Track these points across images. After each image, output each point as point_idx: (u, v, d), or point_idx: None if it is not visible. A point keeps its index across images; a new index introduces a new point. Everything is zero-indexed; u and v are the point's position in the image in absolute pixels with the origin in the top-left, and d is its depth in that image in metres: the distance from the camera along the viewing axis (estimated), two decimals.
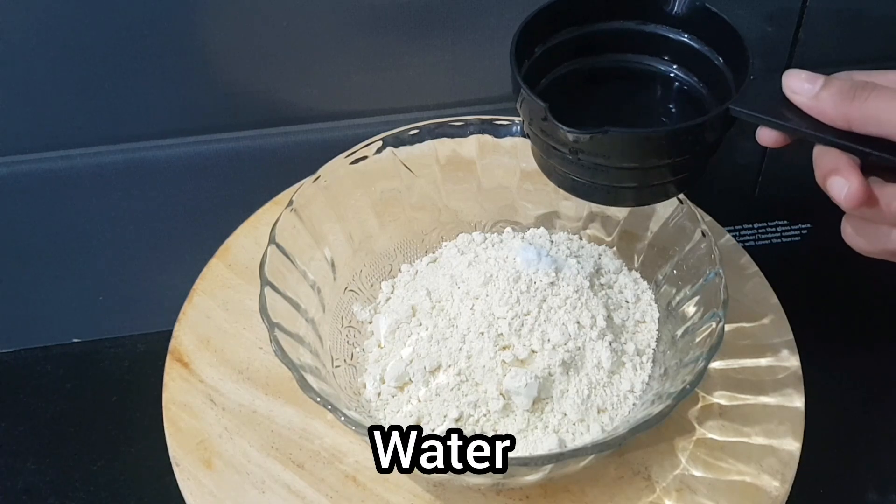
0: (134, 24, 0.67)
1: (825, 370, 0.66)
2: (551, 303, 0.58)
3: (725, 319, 0.53)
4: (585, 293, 0.59)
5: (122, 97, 0.71)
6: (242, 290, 0.66)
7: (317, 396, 0.49)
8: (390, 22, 0.71)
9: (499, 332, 0.56)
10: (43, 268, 0.81)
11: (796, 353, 0.63)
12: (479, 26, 0.72)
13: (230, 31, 0.70)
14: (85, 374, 0.82)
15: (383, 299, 0.65)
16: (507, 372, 0.55)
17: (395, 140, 0.65)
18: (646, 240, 0.64)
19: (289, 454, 0.57)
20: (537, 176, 0.57)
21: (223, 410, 0.60)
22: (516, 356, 0.55)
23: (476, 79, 0.76)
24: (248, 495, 0.55)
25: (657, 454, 0.57)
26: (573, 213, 0.68)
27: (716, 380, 0.61)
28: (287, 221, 0.59)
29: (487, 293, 0.58)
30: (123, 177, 0.76)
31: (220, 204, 0.79)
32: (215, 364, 0.62)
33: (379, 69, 0.74)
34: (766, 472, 0.56)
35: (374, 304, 0.64)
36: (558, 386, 0.55)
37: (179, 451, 0.58)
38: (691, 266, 0.59)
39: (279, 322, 0.53)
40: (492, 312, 0.57)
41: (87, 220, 0.79)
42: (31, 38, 0.66)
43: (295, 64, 0.72)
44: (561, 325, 0.57)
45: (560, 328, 0.56)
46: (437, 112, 0.77)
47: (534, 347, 0.56)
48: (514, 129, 0.66)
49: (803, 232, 0.88)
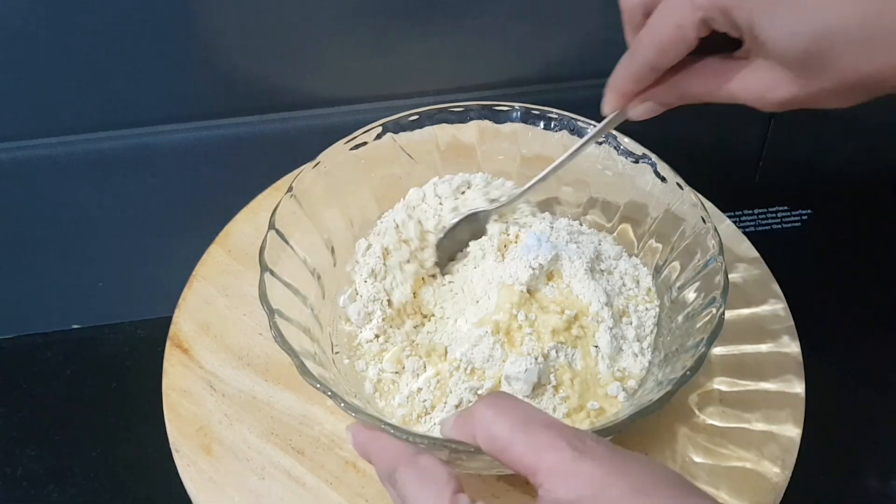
0: (134, 10, 0.67)
1: (825, 356, 0.66)
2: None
3: (726, 305, 0.53)
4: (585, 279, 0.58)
5: (122, 83, 0.71)
6: (242, 276, 0.66)
7: (316, 383, 0.49)
8: (390, 7, 0.71)
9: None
10: (42, 254, 0.81)
11: (797, 339, 0.63)
12: (479, 12, 0.72)
13: (230, 17, 0.69)
14: (84, 361, 0.82)
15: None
16: (506, 357, 0.55)
17: (395, 126, 0.65)
18: (646, 225, 0.63)
19: (289, 440, 0.57)
20: (538, 162, 0.57)
21: (223, 397, 0.60)
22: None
23: (476, 65, 0.76)
24: (248, 481, 0.55)
25: (657, 440, 0.57)
26: (573, 198, 0.67)
27: (716, 366, 0.61)
28: (287, 207, 0.59)
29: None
30: (123, 163, 0.76)
31: (219, 190, 0.79)
32: (215, 350, 0.62)
33: (379, 55, 0.74)
34: (767, 458, 0.56)
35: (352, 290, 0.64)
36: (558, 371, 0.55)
37: (179, 437, 0.58)
38: (691, 252, 0.59)
39: (279, 308, 0.53)
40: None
41: (87, 206, 0.78)
42: (30, 24, 0.66)
43: (295, 50, 0.72)
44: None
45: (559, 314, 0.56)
46: (437, 98, 0.77)
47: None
48: (514, 115, 0.66)
49: (804, 218, 0.88)
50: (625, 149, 0.63)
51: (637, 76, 0.50)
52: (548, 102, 0.66)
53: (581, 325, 0.57)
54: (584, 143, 0.58)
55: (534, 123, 0.66)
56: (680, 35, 0.46)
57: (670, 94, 0.50)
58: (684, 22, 0.45)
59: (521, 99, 0.67)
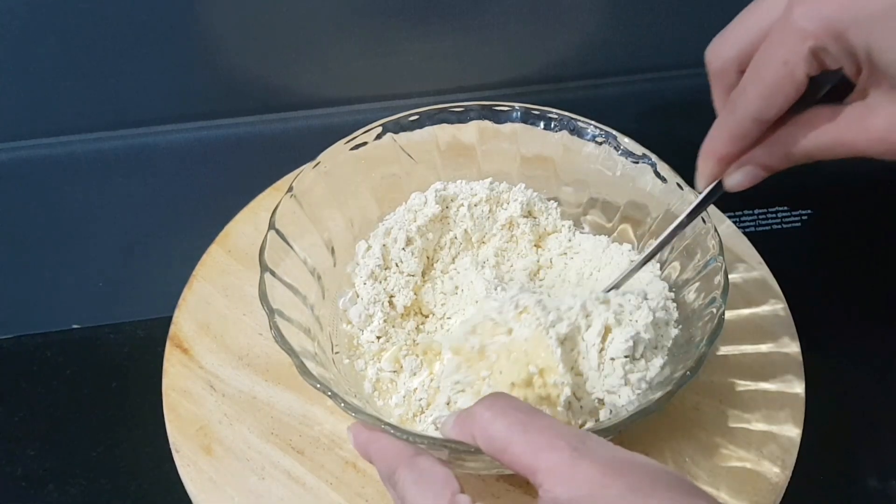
0: (133, 10, 0.67)
1: (825, 356, 0.66)
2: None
3: (726, 306, 0.53)
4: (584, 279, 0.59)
5: (122, 83, 0.71)
6: (242, 276, 0.66)
7: (316, 383, 0.49)
8: (390, 7, 0.71)
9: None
10: (42, 254, 0.81)
11: (797, 339, 0.63)
12: (479, 12, 0.72)
13: (230, 17, 0.69)
14: (84, 361, 0.82)
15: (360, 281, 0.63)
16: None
17: (395, 126, 0.65)
18: (646, 225, 0.63)
19: (289, 440, 0.57)
20: (537, 162, 0.57)
21: (223, 397, 0.60)
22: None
23: (476, 65, 0.76)
24: (248, 481, 0.55)
25: (657, 440, 0.57)
26: (573, 198, 0.67)
27: (716, 366, 0.61)
28: (287, 207, 0.59)
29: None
30: (123, 163, 0.76)
31: (219, 190, 0.79)
32: (215, 350, 0.62)
33: (379, 55, 0.74)
34: (767, 458, 0.56)
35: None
36: None
37: (179, 437, 0.58)
38: (691, 252, 0.59)
39: (279, 308, 0.53)
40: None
41: (87, 206, 0.78)
42: (30, 24, 0.66)
43: (295, 49, 0.72)
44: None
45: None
46: (437, 98, 0.77)
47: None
48: (514, 115, 0.66)
49: (804, 218, 0.88)
50: (625, 149, 0.63)
51: (738, 133, 0.44)
52: (548, 102, 0.66)
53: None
54: (677, 225, 0.55)
55: (534, 123, 0.66)
56: (787, 73, 0.40)
57: (774, 155, 0.44)
58: (792, 57, 0.39)
59: (521, 99, 0.67)
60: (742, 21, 0.43)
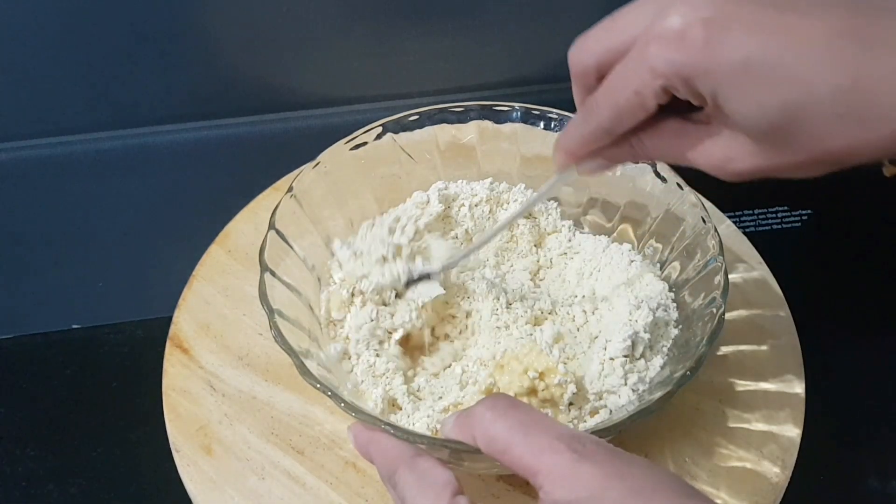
0: (133, 10, 0.67)
1: (825, 356, 0.66)
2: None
3: (726, 306, 0.53)
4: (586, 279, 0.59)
5: (122, 83, 0.71)
6: (242, 276, 0.66)
7: (316, 383, 0.49)
8: (390, 8, 0.71)
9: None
10: (42, 254, 0.81)
11: (797, 339, 0.63)
12: (479, 12, 0.72)
13: (230, 17, 0.69)
14: (84, 361, 0.82)
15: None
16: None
17: (395, 126, 0.65)
18: (646, 225, 0.63)
19: (289, 440, 0.57)
20: (537, 162, 0.57)
21: (223, 396, 0.60)
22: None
23: (476, 65, 0.76)
24: (247, 481, 0.55)
25: (657, 440, 0.57)
26: (573, 198, 0.67)
27: (716, 366, 0.61)
28: (287, 207, 0.59)
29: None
30: (122, 163, 0.76)
31: (219, 190, 0.79)
32: (215, 350, 0.62)
33: (379, 55, 0.74)
34: (767, 458, 0.56)
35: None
36: None
37: (179, 437, 0.58)
38: (691, 252, 0.59)
39: (279, 308, 0.53)
40: None
41: (87, 206, 0.78)
42: (30, 25, 0.66)
43: (295, 50, 0.72)
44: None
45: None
46: (437, 98, 0.77)
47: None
48: (514, 115, 0.66)
49: (804, 218, 0.88)
50: None
51: (590, 139, 0.46)
52: (548, 102, 0.66)
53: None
54: (532, 202, 0.57)
55: (534, 123, 0.66)
56: (638, 101, 0.42)
57: (623, 155, 0.47)
58: (643, 89, 0.41)
59: (521, 99, 0.67)
60: (605, 29, 0.44)
